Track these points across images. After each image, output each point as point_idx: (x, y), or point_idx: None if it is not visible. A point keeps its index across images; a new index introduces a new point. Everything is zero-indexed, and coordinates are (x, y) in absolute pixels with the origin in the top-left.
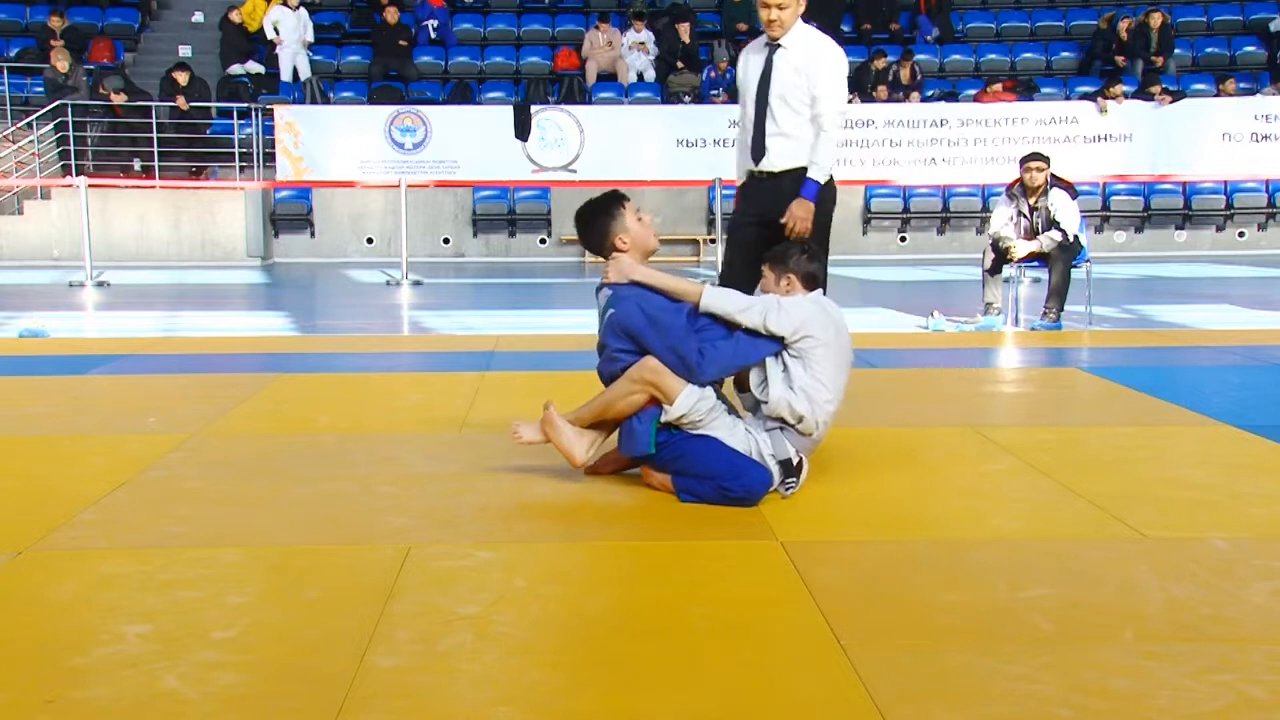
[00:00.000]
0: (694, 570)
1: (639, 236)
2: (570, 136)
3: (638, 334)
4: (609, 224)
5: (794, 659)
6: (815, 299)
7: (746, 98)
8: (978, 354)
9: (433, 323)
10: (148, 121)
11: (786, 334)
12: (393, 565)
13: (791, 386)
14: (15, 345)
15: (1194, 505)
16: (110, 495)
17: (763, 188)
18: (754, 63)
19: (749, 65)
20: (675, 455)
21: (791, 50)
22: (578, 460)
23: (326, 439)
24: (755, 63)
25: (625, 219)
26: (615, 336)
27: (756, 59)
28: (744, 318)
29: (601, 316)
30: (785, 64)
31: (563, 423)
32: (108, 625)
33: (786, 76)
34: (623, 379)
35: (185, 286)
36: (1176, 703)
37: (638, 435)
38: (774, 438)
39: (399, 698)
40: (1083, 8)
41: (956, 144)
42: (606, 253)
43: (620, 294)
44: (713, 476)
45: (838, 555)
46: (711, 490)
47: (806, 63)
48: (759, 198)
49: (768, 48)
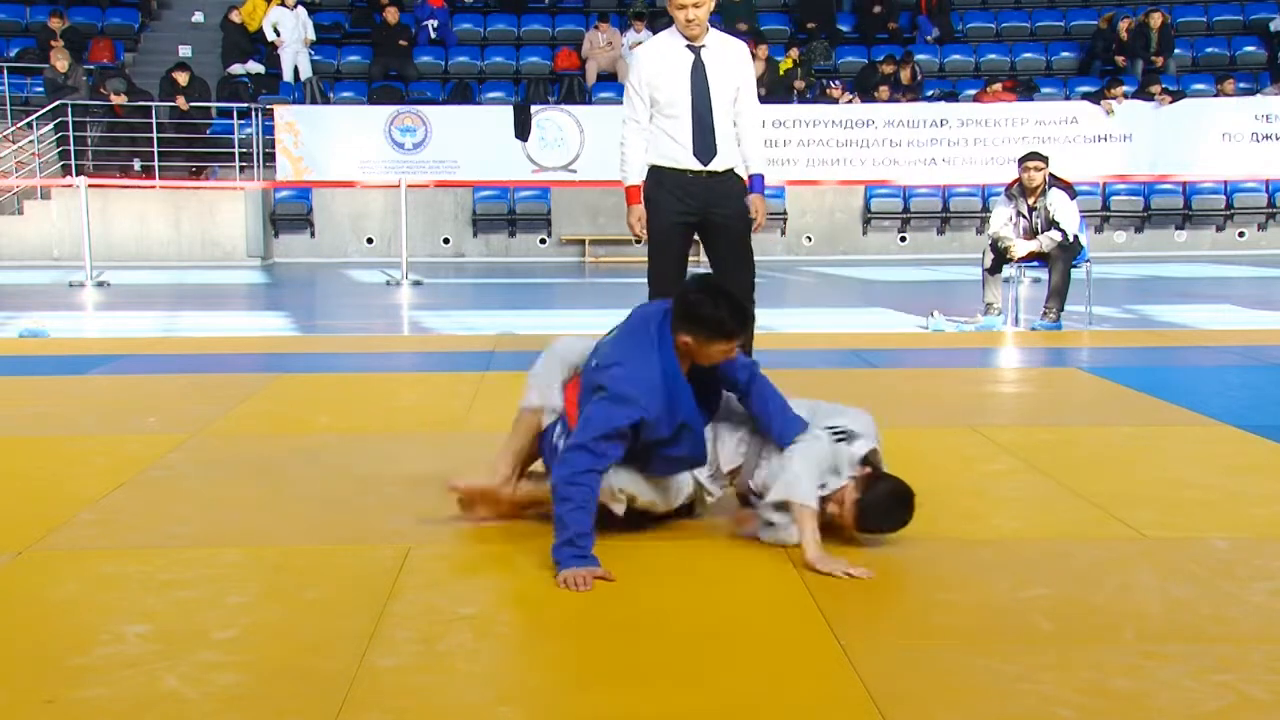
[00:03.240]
0: (694, 570)
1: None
2: (570, 136)
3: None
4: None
5: (794, 659)
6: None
7: (674, 98)
8: (978, 354)
9: (433, 323)
10: (148, 121)
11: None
12: (393, 565)
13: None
14: (15, 345)
15: (1194, 505)
16: (110, 495)
17: (705, 186)
18: (674, 63)
19: (666, 65)
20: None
21: (715, 49)
22: (503, 473)
23: (326, 439)
24: (676, 63)
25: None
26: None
27: (676, 59)
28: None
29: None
30: (717, 64)
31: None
32: (108, 625)
33: (722, 76)
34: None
35: (185, 286)
36: (1176, 703)
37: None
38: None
39: (399, 698)
40: (1083, 8)
41: (956, 144)
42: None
43: (621, 368)
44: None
45: (837, 555)
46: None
47: (737, 62)
48: (700, 196)
49: (689, 49)
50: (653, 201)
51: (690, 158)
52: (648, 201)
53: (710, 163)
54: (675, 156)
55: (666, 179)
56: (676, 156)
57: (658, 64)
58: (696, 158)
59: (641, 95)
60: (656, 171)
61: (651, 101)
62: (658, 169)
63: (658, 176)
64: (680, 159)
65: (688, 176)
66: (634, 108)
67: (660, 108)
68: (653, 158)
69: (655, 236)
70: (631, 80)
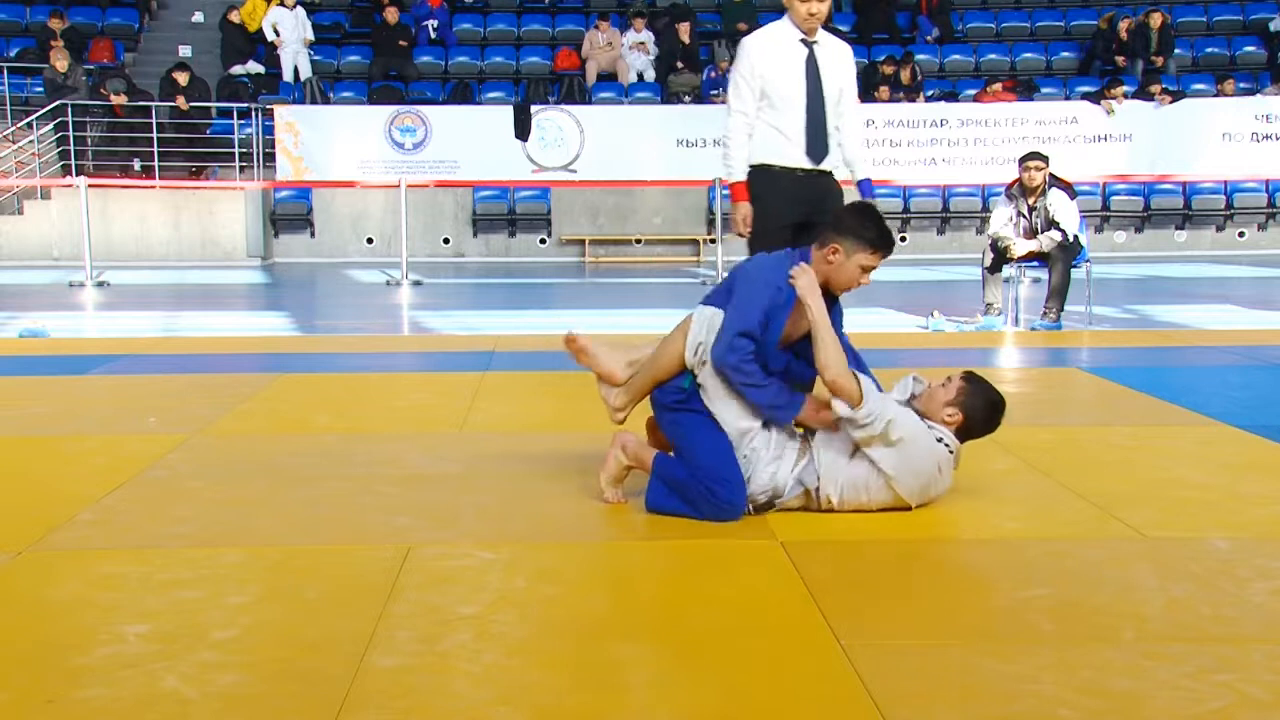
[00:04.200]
0: (694, 570)
1: (844, 272)
2: (570, 136)
3: (736, 290)
4: (846, 237)
5: (794, 659)
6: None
7: (787, 93)
8: (978, 354)
9: (433, 323)
10: (148, 121)
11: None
12: (393, 565)
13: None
14: (15, 345)
15: (1194, 505)
16: (110, 495)
17: (813, 186)
18: (788, 56)
19: (779, 57)
20: (684, 421)
21: (827, 46)
22: (619, 376)
23: (326, 439)
24: (791, 57)
25: (859, 255)
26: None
27: (789, 52)
28: (864, 422)
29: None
30: (829, 61)
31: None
32: (108, 625)
33: (832, 74)
34: (674, 334)
35: (185, 286)
36: (1176, 703)
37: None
38: (803, 466)
39: (399, 698)
40: (1083, 8)
41: (956, 144)
42: (822, 241)
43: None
44: (706, 472)
45: (838, 555)
46: (692, 485)
47: (844, 62)
48: (807, 196)
49: (802, 44)
50: (762, 200)
51: (802, 156)
52: (755, 199)
53: (822, 162)
54: (786, 154)
55: (778, 178)
56: (788, 154)
57: (771, 56)
58: (809, 156)
59: (751, 86)
60: (764, 170)
61: (760, 95)
62: (765, 167)
63: (768, 175)
64: (792, 157)
65: (798, 175)
66: (742, 99)
67: (771, 102)
68: (760, 155)
69: (763, 237)
70: (741, 71)
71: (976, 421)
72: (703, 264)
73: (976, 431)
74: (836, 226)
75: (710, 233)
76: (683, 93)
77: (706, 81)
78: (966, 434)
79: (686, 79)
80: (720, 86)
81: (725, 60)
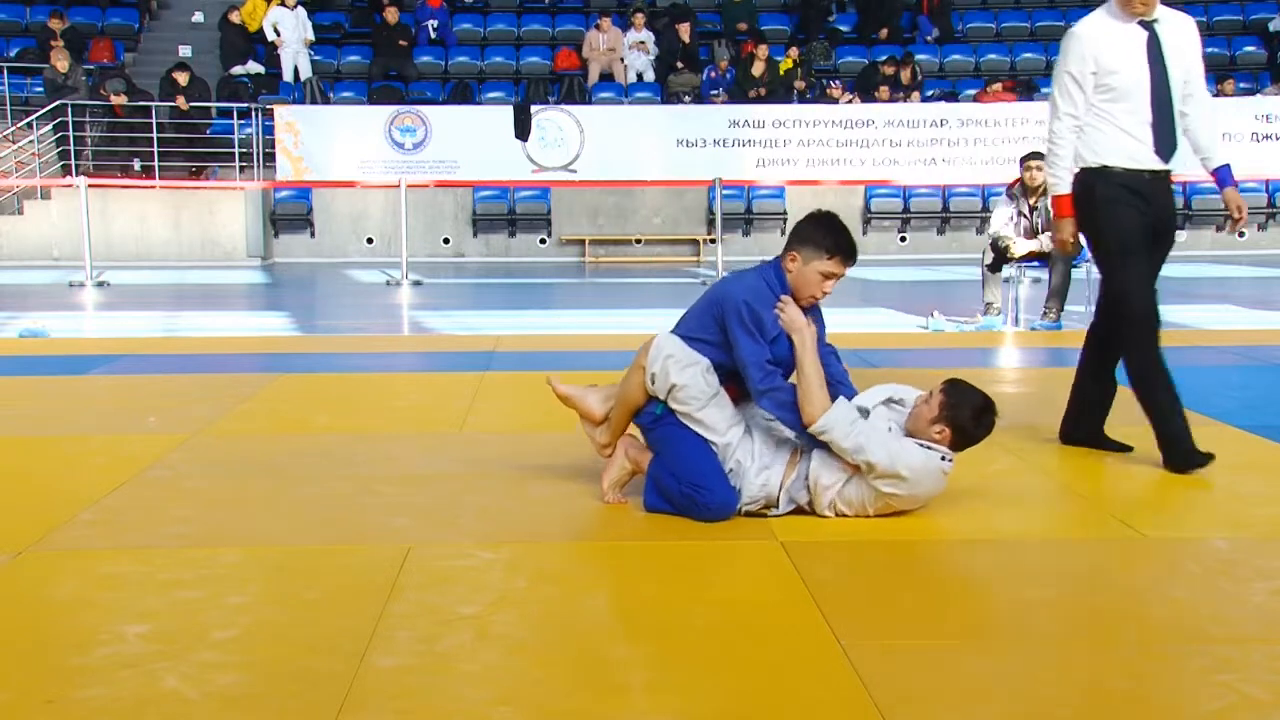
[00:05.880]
0: (694, 570)
1: (803, 279)
2: (570, 136)
3: (729, 320)
4: (804, 244)
5: (794, 659)
6: (938, 468)
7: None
8: (978, 354)
9: (433, 323)
10: (148, 121)
11: (878, 472)
12: (393, 565)
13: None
14: (15, 345)
15: (1194, 505)
16: (110, 495)
17: (1160, 188)
18: (1126, 43)
19: (1117, 45)
20: (665, 437)
21: (1168, 25)
22: (596, 415)
23: (326, 439)
24: (1129, 43)
25: (816, 261)
26: (702, 314)
27: (1127, 38)
28: (849, 445)
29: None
30: (1172, 42)
31: (574, 388)
32: (108, 625)
33: (1176, 56)
34: (633, 367)
35: (185, 286)
36: (1176, 703)
37: (647, 406)
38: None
39: (399, 698)
40: (1082, 8)
41: (956, 144)
42: (784, 250)
43: (735, 279)
44: (687, 478)
45: (838, 555)
46: (678, 493)
47: (1189, 40)
48: (1156, 200)
49: (1140, 25)
50: (1109, 208)
51: (1150, 155)
52: (1105, 202)
53: (1170, 160)
54: (1133, 154)
55: (1124, 180)
56: (1134, 154)
57: (1107, 45)
58: (1158, 155)
59: (1083, 85)
60: (1106, 173)
61: (1097, 89)
62: (1106, 170)
63: (1111, 179)
64: (1140, 157)
65: (1145, 178)
66: (1073, 100)
67: (1111, 96)
68: (1101, 156)
69: (1124, 239)
70: (1070, 68)
71: (966, 432)
72: (703, 264)
73: (969, 440)
74: (795, 233)
75: (710, 233)
76: (683, 93)
77: (706, 81)
78: (960, 444)
79: (686, 79)
80: (719, 86)
81: (725, 60)
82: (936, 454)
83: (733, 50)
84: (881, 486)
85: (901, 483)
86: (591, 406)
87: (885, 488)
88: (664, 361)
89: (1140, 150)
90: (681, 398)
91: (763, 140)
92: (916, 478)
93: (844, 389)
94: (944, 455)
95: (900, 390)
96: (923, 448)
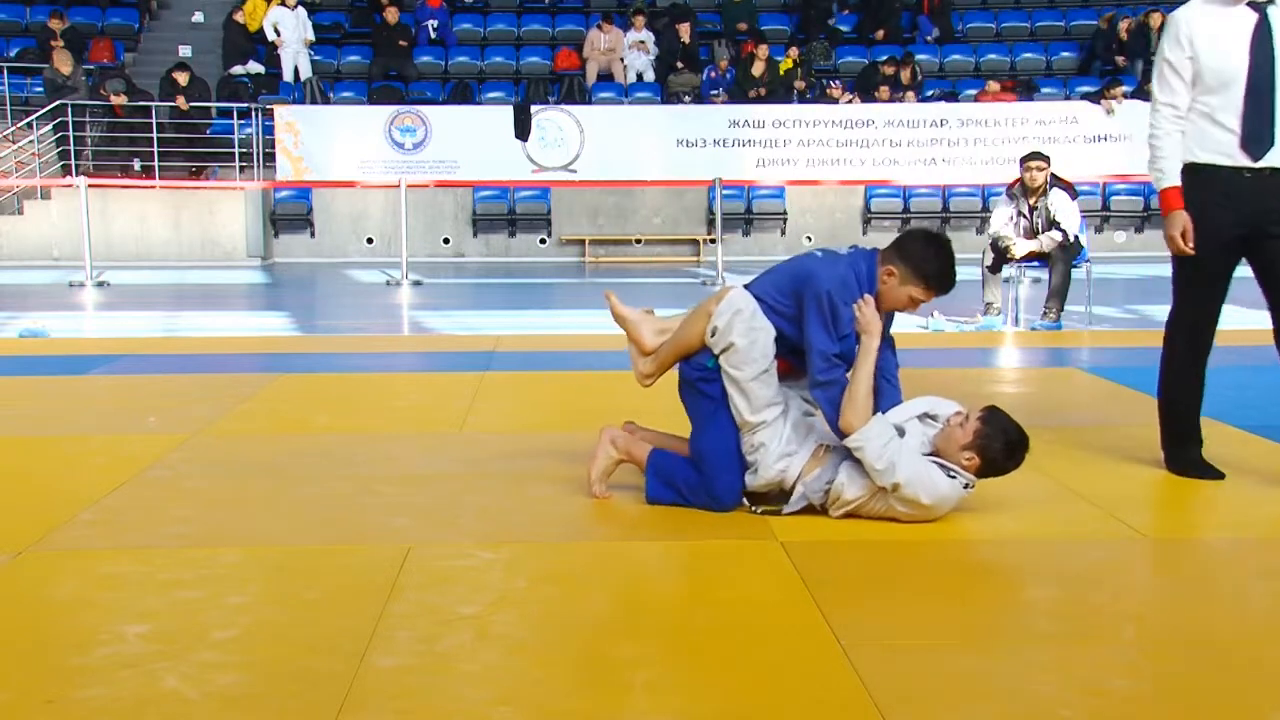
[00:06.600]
0: (694, 570)
1: (893, 295)
2: (570, 136)
3: (808, 303)
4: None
5: (794, 659)
6: (959, 496)
7: (1226, 70)
8: (978, 354)
9: (433, 323)
10: (148, 121)
11: (902, 494)
12: (393, 565)
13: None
14: (15, 345)
15: (1194, 505)
16: (110, 495)
17: (1258, 189)
18: (1231, 26)
19: (1219, 29)
20: (701, 406)
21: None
22: (647, 345)
23: (326, 439)
24: (1234, 26)
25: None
26: (783, 284)
27: (1232, 20)
28: (881, 465)
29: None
30: None
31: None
32: (108, 625)
33: None
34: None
35: (185, 286)
36: (1176, 703)
37: (699, 356)
38: (841, 469)
39: (399, 698)
40: (1083, 8)
41: (956, 144)
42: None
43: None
44: (712, 460)
45: (838, 555)
46: (694, 480)
47: None
48: (1251, 202)
49: (1250, 7)
50: (1195, 208)
51: (1238, 151)
52: (1189, 208)
53: (1264, 157)
54: (1221, 149)
55: (1215, 181)
56: (1223, 149)
57: (1209, 29)
58: (1245, 150)
59: (1182, 72)
60: (1194, 170)
61: (1195, 78)
62: (1194, 167)
63: (1200, 178)
64: (1229, 153)
65: (1243, 176)
66: (1172, 89)
67: (1206, 85)
68: (1190, 152)
69: (1192, 264)
70: (1168, 55)
71: (996, 464)
72: (703, 264)
73: (996, 472)
74: (899, 249)
75: (710, 233)
76: (682, 92)
77: (706, 81)
78: (987, 474)
79: (686, 79)
80: (720, 86)
81: (725, 60)
82: (960, 481)
83: (733, 50)
84: (899, 506)
85: (920, 507)
86: (644, 335)
87: (903, 507)
88: (731, 317)
89: (1229, 145)
90: (735, 361)
91: (763, 140)
92: (936, 504)
93: (889, 387)
94: (967, 483)
95: (937, 405)
96: (948, 475)
